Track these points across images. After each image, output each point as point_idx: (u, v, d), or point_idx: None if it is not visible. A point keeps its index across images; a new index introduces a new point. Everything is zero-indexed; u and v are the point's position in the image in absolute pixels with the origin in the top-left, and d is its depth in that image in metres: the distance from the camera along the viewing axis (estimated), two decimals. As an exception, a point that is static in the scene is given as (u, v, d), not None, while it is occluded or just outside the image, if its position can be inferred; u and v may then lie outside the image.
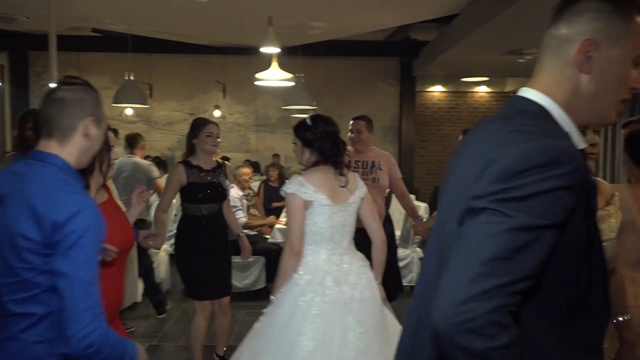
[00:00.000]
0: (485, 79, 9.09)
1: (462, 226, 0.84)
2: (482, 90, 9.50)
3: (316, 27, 6.21)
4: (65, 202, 1.23)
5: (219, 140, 3.11)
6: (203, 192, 3.00)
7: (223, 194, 3.10)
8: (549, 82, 0.94)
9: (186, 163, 3.02)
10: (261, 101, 8.94)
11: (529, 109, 0.93)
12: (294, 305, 2.07)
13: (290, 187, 2.13)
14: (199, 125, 3.04)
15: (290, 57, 6.29)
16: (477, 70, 8.18)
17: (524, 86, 0.98)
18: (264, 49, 3.79)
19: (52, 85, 1.35)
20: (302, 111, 6.43)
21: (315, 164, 2.20)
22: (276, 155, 8.47)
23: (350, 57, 8.50)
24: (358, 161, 3.41)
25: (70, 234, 1.20)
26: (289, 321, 2.05)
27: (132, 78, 5.52)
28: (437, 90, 9.51)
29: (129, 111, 8.58)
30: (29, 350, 1.25)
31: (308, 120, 2.25)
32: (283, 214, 5.25)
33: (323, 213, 2.14)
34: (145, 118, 8.86)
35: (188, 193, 2.99)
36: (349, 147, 2.81)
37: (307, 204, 2.12)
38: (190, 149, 3.08)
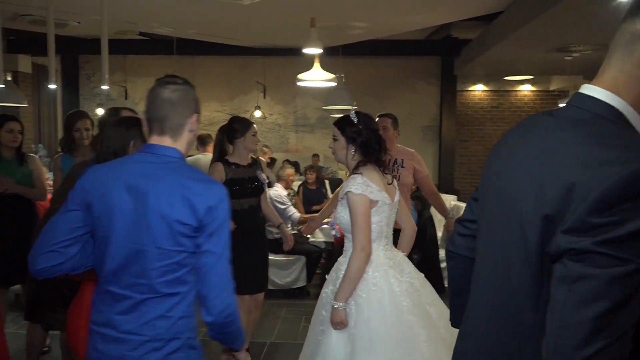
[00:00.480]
0: (529, 77, 8.86)
1: (563, 265, 0.74)
2: (526, 89, 9.27)
3: (357, 27, 6.21)
4: (213, 189, 1.41)
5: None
6: (243, 187, 3.08)
7: (261, 187, 3.18)
8: (616, 81, 0.84)
9: (224, 161, 3.10)
10: (300, 101, 9.01)
11: (605, 114, 0.83)
12: (383, 304, 2.04)
13: (357, 188, 2.07)
14: (245, 126, 3.14)
15: (330, 57, 6.31)
16: (521, 68, 7.98)
17: (588, 83, 0.88)
18: (307, 50, 3.82)
19: (166, 86, 1.44)
20: (341, 111, 6.45)
21: (363, 163, 2.17)
22: (315, 155, 8.53)
23: (390, 56, 8.45)
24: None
25: (218, 216, 1.37)
26: (392, 320, 2.02)
27: (176, 80, 5.66)
28: (478, 89, 9.34)
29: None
30: (174, 326, 1.38)
31: (353, 116, 2.19)
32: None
33: (385, 211, 2.15)
34: (188, 118, 9.07)
35: (228, 189, 3.02)
36: None
37: (372, 204, 2.11)
38: (222, 149, 3.17)
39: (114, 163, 1.51)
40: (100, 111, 8.63)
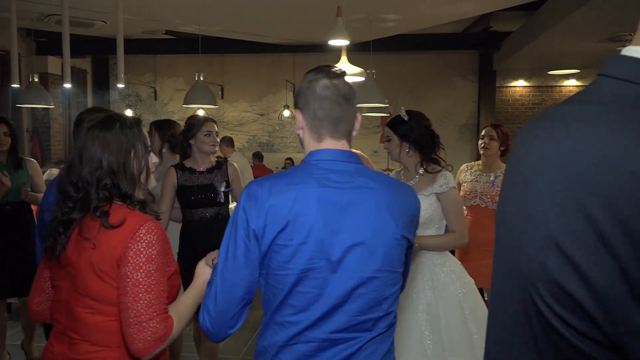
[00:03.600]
0: (575, 71, 8.30)
1: None
2: (571, 84, 8.69)
3: (389, 19, 5.87)
4: (413, 194, 1.29)
5: (217, 139, 2.83)
6: (194, 196, 2.69)
7: (213, 200, 2.70)
8: None
9: (180, 166, 2.75)
10: (331, 100, 8.72)
11: None
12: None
13: (452, 181, 2.21)
14: (196, 125, 2.74)
15: (360, 53, 6.00)
16: (567, 61, 7.47)
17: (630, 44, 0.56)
18: (333, 42, 3.53)
19: (328, 80, 1.23)
20: (373, 109, 6.12)
21: (431, 161, 2.25)
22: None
23: (424, 51, 8.06)
24: None
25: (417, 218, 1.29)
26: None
27: (202, 79, 5.49)
28: (519, 85, 8.83)
29: (200, 112, 8.67)
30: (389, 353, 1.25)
31: (404, 114, 2.24)
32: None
33: None
34: (217, 119, 8.91)
35: (178, 197, 2.74)
36: None
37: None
38: (184, 152, 2.81)
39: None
40: (128, 112, 8.59)
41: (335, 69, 1.25)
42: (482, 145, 3.26)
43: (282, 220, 1.13)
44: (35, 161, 3.34)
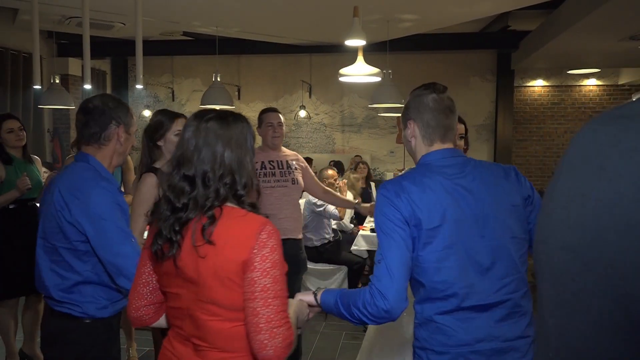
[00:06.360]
0: (595, 70, 8.15)
1: None
2: (591, 84, 8.55)
3: (406, 19, 5.84)
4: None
5: None
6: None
7: None
8: None
9: (156, 171, 2.21)
10: (347, 100, 8.71)
11: None
12: None
13: None
14: (165, 123, 2.32)
15: (376, 53, 5.98)
16: (586, 60, 7.34)
17: None
18: (349, 42, 3.52)
19: (436, 95, 1.53)
20: (389, 109, 6.10)
21: None
22: (357, 156, 8.18)
23: (441, 51, 8.00)
24: (272, 161, 3.12)
25: None
26: None
27: (219, 79, 5.53)
28: (538, 85, 8.71)
29: (217, 113, 8.74)
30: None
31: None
32: (367, 220, 4.97)
33: None
34: (233, 119, 8.99)
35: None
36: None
37: None
38: (151, 155, 2.34)
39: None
40: (147, 113, 8.68)
41: (439, 85, 1.51)
42: None
43: (423, 209, 1.36)
44: (39, 158, 3.44)
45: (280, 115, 3.13)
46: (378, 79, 4.12)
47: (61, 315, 1.73)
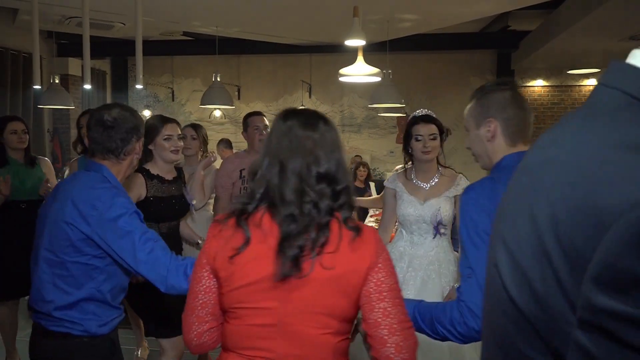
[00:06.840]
0: (596, 70, 8.16)
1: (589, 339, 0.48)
2: (591, 84, 8.55)
3: (406, 19, 5.84)
4: None
5: (181, 144, 2.46)
6: (170, 207, 2.44)
7: (187, 207, 2.55)
8: None
9: (145, 172, 2.37)
10: (347, 100, 8.72)
11: None
12: None
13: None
14: (154, 127, 2.38)
15: (376, 53, 5.98)
16: (587, 61, 7.35)
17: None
18: (349, 42, 3.52)
19: (513, 92, 1.47)
20: (389, 109, 6.11)
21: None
22: (357, 156, 8.17)
23: (441, 51, 8.00)
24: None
25: None
26: None
27: (218, 79, 5.53)
28: (538, 85, 8.71)
29: (217, 113, 8.75)
30: None
31: None
32: (367, 220, 4.97)
33: None
34: (233, 119, 8.99)
35: (146, 209, 2.22)
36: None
37: None
38: (144, 155, 2.37)
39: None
40: (147, 113, 8.69)
41: (513, 80, 1.42)
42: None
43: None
44: (48, 160, 3.44)
45: (265, 119, 3.11)
46: (378, 79, 4.13)
47: (57, 336, 1.64)
